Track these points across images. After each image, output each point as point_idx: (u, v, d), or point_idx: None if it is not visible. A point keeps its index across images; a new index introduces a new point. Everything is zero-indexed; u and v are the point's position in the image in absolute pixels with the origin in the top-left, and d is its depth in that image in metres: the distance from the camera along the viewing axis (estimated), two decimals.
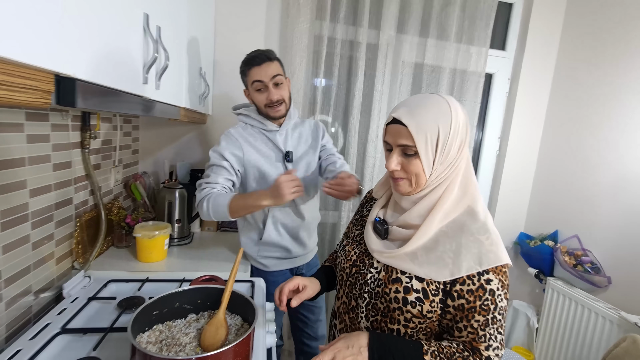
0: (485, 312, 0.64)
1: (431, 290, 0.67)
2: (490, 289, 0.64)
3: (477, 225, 0.68)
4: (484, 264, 0.64)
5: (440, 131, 0.66)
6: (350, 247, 0.82)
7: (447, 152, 0.67)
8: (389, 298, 0.69)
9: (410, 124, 0.65)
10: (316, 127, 1.36)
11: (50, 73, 0.46)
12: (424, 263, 0.67)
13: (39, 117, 0.92)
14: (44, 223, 0.97)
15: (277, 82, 1.17)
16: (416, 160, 0.67)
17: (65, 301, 0.98)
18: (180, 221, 1.49)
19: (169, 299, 0.83)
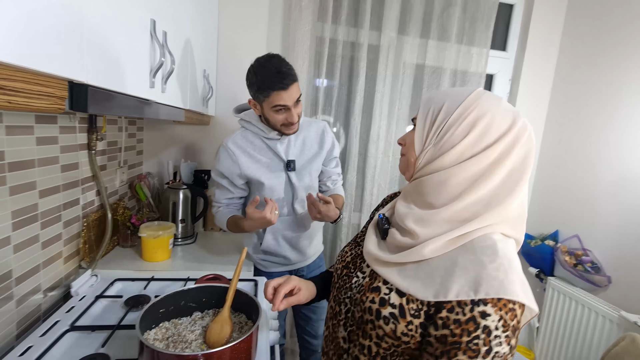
0: (473, 354, 0.48)
1: (410, 309, 0.55)
2: (485, 325, 0.48)
3: (485, 244, 0.53)
4: (480, 292, 0.49)
5: (444, 108, 0.58)
6: (348, 248, 0.76)
7: (443, 132, 0.57)
8: (364, 307, 0.60)
9: (424, 98, 0.62)
10: (323, 133, 1.30)
11: (64, 80, 0.48)
12: (409, 276, 0.57)
13: (48, 120, 0.95)
14: (52, 223, 0.99)
15: (299, 99, 1.11)
16: (414, 131, 0.62)
17: (73, 299, 1.01)
18: (184, 221, 1.52)
19: (175, 297, 0.85)
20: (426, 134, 0.59)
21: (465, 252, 0.54)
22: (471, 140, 0.56)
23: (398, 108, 1.87)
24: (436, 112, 0.59)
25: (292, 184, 1.25)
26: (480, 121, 0.56)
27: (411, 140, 0.62)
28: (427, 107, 0.60)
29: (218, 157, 1.23)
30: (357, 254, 0.72)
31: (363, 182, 1.89)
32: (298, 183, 1.25)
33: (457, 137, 0.56)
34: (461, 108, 0.57)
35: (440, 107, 0.58)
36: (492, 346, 0.49)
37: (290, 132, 1.17)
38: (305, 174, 1.26)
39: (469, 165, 0.56)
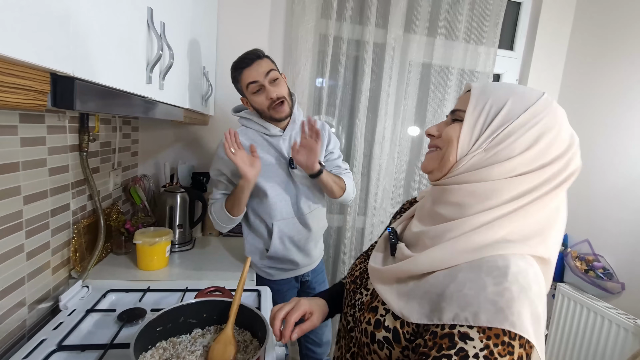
0: None
1: (405, 333, 0.48)
2: (461, 347, 0.40)
3: (496, 264, 0.44)
4: (479, 318, 0.41)
5: (506, 108, 0.47)
6: (359, 260, 0.70)
7: (500, 139, 0.47)
8: (361, 328, 0.55)
9: (477, 88, 0.51)
10: (322, 130, 1.28)
11: (45, 71, 0.41)
12: (406, 296, 0.50)
13: (34, 119, 0.87)
14: (39, 231, 0.91)
15: (273, 78, 1.10)
16: (457, 125, 0.51)
17: (62, 314, 0.93)
18: (182, 226, 1.44)
19: (172, 313, 0.78)
20: (478, 133, 0.49)
21: (468, 269, 0.45)
22: (532, 155, 0.47)
23: (404, 108, 1.81)
24: (496, 109, 0.48)
25: (294, 182, 1.20)
26: (546, 135, 0.47)
27: (453, 136, 0.51)
28: (482, 100, 0.49)
29: (217, 154, 1.19)
30: (365, 268, 0.66)
31: (367, 185, 1.82)
32: (300, 182, 1.21)
33: (518, 148, 0.47)
34: (529, 113, 0.47)
35: (501, 105, 0.48)
36: None
37: (281, 115, 1.14)
38: None
39: (518, 183, 0.47)
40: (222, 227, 1.21)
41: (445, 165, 0.52)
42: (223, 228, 1.21)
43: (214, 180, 1.23)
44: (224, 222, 1.19)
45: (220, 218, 1.18)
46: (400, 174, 1.87)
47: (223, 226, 1.20)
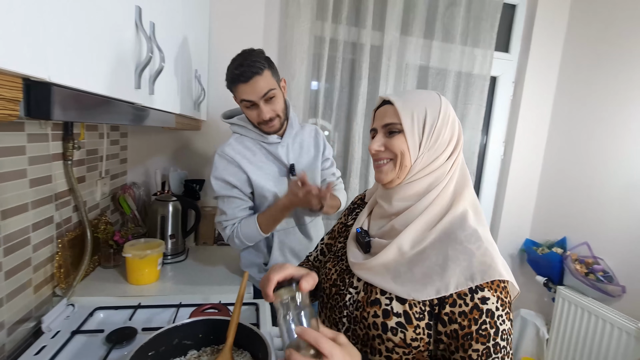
0: (485, 339, 0.52)
1: (414, 313, 0.56)
2: (487, 309, 0.52)
3: (467, 232, 0.57)
4: (476, 279, 0.53)
5: (428, 114, 0.60)
6: (331, 264, 0.72)
7: (435, 137, 0.60)
8: (367, 324, 0.59)
9: (398, 101, 0.61)
10: (317, 135, 1.25)
11: (16, 76, 0.35)
12: (407, 281, 0.57)
13: (12, 127, 0.80)
14: (19, 247, 0.84)
15: (269, 97, 1.02)
16: (400, 137, 0.60)
17: (44, 336, 0.86)
18: (174, 236, 1.38)
19: (166, 335, 0.72)
20: (418, 138, 0.60)
21: (452, 243, 0.56)
22: (453, 140, 0.62)
23: None
24: (422, 117, 0.60)
25: None
26: (454, 123, 0.62)
27: (403, 146, 0.61)
28: (409, 111, 0.60)
29: (216, 167, 1.09)
30: (342, 269, 0.68)
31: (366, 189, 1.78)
32: None
33: (446, 139, 0.61)
34: (442, 113, 0.61)
35: (424, 112, 0.60)
36: (498, 326, 0.53)
37: (269, 131, 1.09)
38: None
39: (450, 163, 0.62)
40: (242, 246, 1.13)
41: (404, 171, 0.61)
42: (243, 246, 1.13)
43: (222, 197, 1.10)
44: (253, 242, 1.11)
45: (251, 238, 1.10)
46: None
47: (247, 245, 1.12)
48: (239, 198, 1.10)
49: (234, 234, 1.10)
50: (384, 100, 0.64)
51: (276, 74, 1.05)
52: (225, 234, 1.12)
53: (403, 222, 0.61)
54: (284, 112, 1.09)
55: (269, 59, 1.04)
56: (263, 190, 1.10)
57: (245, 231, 1.09)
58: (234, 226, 1.10)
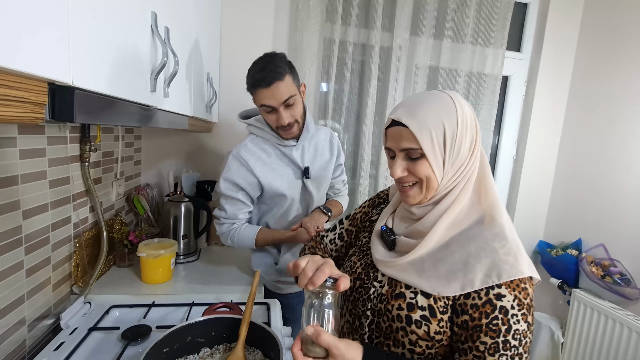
0: (494, 334, 0.53)
1: (439, 307, 0.57)
2: (501, 306, 0.53)
3: (492, 231, 0.58)
4: (502, 276, 0.53)
5: (447, 128, 0.57)
6: (356, 258, 0.72)
7: (457, 151, 0.58)
8: (391, 316, 0.60)
9: (411, 123, 0.57)
10: (332, 139, 1.26)
11: (42, 81, 0.37)
12: (432, 276, 0.58)
13: (34, 130, 0.83)
14: (39, 246, 0.87)
15: (289, 103, 1.02)
16: (423, 162, 0.58)
17: (63, 333, 0.88)
18: (187, 236, 1.40)
19: (179, 333, 0.74)
20: (441, 158, 0.59)
21: (475, 240, 0.57)
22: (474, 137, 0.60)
23: None
24: (441, 134, 0.58)
25: (308, 192, 1.17)
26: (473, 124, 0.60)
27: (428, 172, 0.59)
28: (426, 132, 0.57)
29: (228, 168, 1.10)
30: (367, 263, 0.69)
31: (375, 190, 1.78)
32: (315, 192, 1.18)
33: (467, 147, 0.60)
34: (460, 121, 0.58)
35: (442, 128, 0.57)
36: (511, 324, 0.53)
37: (287, 137, 1.10)
38: (321, 181, 1.20)
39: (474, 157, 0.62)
40: (231, 246, 1.17)
41: (431, 192, 0.61)
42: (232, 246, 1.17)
43: (226, 196, 1.12)
44: (243, 247, 1.16)
45: (243, 245, 1.15)
46: None
47: (235, 247, 1.17)
48: (242, 202, 1.13)
49: (229, 234, 1.14)
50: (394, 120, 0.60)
51: (297, 78, 1.06)
52: (221, 229, 1.15)
53: (427, 223, 0.61)
54: (302, 118, 1.10)
55: (290, 63, 1.04)
56: (276, 192, 1.11)
57: (242, 239, 1.14)
58: (232, 227, 1.14)
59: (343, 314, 0.71)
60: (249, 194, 1.12)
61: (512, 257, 0.55)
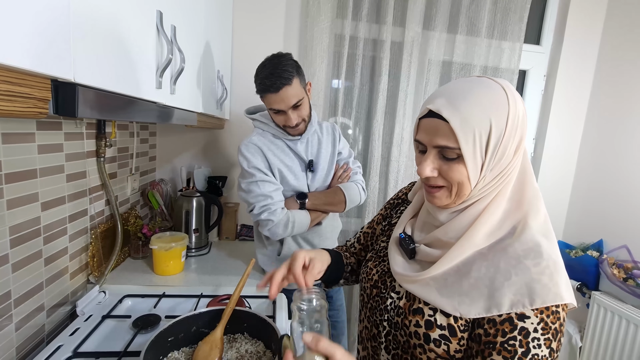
0: (508, 354, 0.47)
1: (460, 326, 0.52)
2: (522, 327, 0.47)
3: (526, 246, 0.50)
4: (535, 301, 0.47)
5: (493, 127, 0.49)
6: (372, 264, 0.69)
7: (500, 155, 0.51)
8: (409, 332, 0.56)
9: (453, 118, 0.49)
10: (333, 131, 1.27)
11: (45, 78, 0.39)
12: (454, 293, 0.53)
13: (51, 126, 0.88)
14: (57, 237, 0.92)
15: (297, 104, 1.06)
16: (459, 166, 0.51)
17: (79, 319, 0.93)
18: (198, 230, 1.44)
19: (184, 322, 0.76)
20: (480, 162, 0.52)
21: (506, 256, 0.51)
22: (522, 137, 0.53)
23: None
24: (486, 134, 0.50)
25: (312, 184, 1.20)
26: (523, 121, 0.52)
27: (462, 178, 0.52)
28: (469, 131, 0.49)
29: (245, 156, 1.11)
30: (384, 271, 0.65)
31: (386, 187, 1.77)
32: (319, 184, 1.21)
33: (512, 149, 0.52)
34: (511, 120, 0.50)
35: (488, 128, 0.50)
36: (530, 348, 0.47)
37: (294, 134, 1.14)
38: (322, 173, 1.22)
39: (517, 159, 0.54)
40: (284, 235, 1.13)
41: (461, 198, 0.55)
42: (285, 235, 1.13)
43: (263, 181, 1.10)
44: (300, 231, 1.15)
45: (301, 226, 1.14)
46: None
47: (290, 234, 1.14)
48: (273, 183, 1.12)
49: (288, 219, 1.10)
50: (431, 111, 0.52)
51: (303, 80, 1.09)
52: (277, 218, 1.09)
53: (452, 232, 0.55)
54: (308, 116, 1.14)
55: (297, 63, 1.06)
56: (283, 182, 1.15)
57: (300, 218, 1.12)
58: (286, 211, 1.11)
59: (362, 319, 0.69)
60: (276, 176, 1.14)
61: (547, 277, 0.48)
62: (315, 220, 1.19)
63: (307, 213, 1.16)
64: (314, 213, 1.18)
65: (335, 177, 1.25)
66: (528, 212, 0.53)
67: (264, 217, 1.10)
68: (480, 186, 0.53)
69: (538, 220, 0.53)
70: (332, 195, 1.21)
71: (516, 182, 0.55)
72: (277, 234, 1.12)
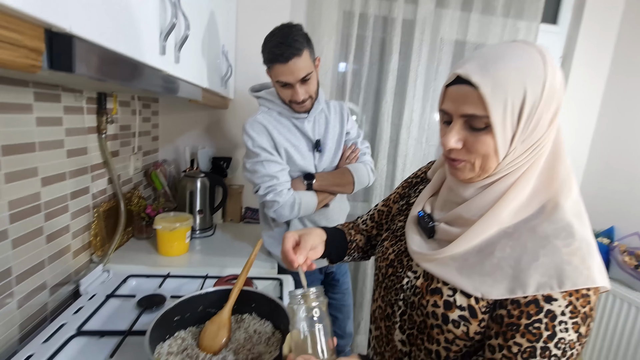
0: (533, 337, 0.45)
1: (481, 307, 0.49)
2: (548, 309, 0.45)
3: (557, 225, 0.47)
4: (565, 283, 0.44)
5: (528, 95, 0.45)
6: (388, 243, 0.67)
7: (533, 125, 0.47)
8: (426, 312, 0.54)
9: (484, 83, 0.45)
10: (341, 110, 1.22)
11: (37, 25, 0.35)
12: (475, 273, 0.50)
13: (50, 98, 0.84)
14: (58, 214, 0.89)
15: (306, 79, 1.01)
16: (486, 137, 0.47)
17: (82, 298, 0.91)
18: (202, 212, 1.41)
19: (191, 302, 0.74)
20: (511, 134, 0.48)
21: (534, 235, 0.48)
22: (557, 107, 0.48)
23: (434, 90, 1.68)
24: (519, 103, 0.46)
25: (319, 164, 1.16)
26: (561, 90, 0.48)
27: (488, 150, 0.48)
28: (501, 99, 0.45)
29: (250, 135, 1.07)
30: (401, 250, 0.63)
31: (393, 171, 1.73)
32: (326, 165, 1.17)
33: (547, 121, 0.48)
34: (548, 87, 0.46)
35: (522, 96, 0.46)
36: (556, 331, 0.45)
37: (300, 110, 1.09)
38: (330, 154, 1.18)
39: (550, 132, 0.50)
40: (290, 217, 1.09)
41: (487, 172, 0.51)
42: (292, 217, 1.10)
43: (268, 161, 1.06)
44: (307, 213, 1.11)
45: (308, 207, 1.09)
46: (428, 159, 1.76)
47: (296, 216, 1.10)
48: (279, 163, 1.08)
49: (294, 200, 1.06)
50: (460, 77, 0.48)
51: (313, 53, 1.04)
52: (283, 200, 1.05)
53: (475, 209, 0.52)
54: (316, 93, 1.09)
55: (307, 35, 1.01)
56: (289, 162, 1.11)
57: (307, 199, 1.08)
58: (292, 192, 1.07)
59: (375, 299, 0.67)
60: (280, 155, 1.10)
61: (579, 259, 0.45)
62: (323, 202, 1.16)
63: (314, 194, 1.12)
64: (321, 194, 1.14)
65: (343, 158, 1.21)
66: (559, 190, 0.49)
67: (269, 198, 1.07)
68: (510, 159, 0.49)
69: (570, 200, 0.49)
70: (340, 176, 1.17)
71: (548, 157, 0.51)
72: (284, 216, 1.09)
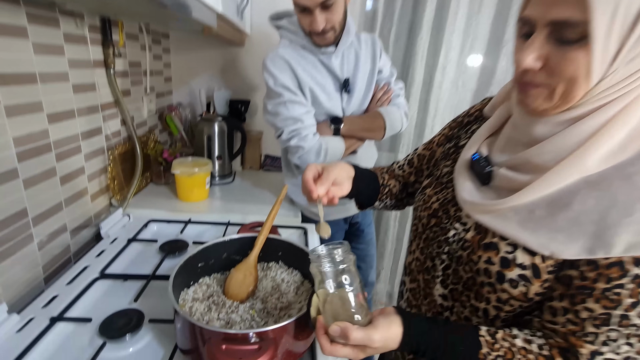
0: (610, 304, 0.38)
1: (547, 267, 0.42)
2: (636, 274, 0.37)
3: None
4: None
5: None
6: (431, 191, 0.58)
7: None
8: (476, 268, 0.47)
9: None
10: (373, 44, 1.07)
11: None
12: (542, 228, 0.42)
13: (46, 22, 0.73)
14: (70, 155, 0.83)
15: (328, 4, 0.87)
16: (578, 53, 0.36)
17: (104, 242, 0.89)
18: (221, 157, 1.35)
19: (215, 248, 0.70)
20: (615, 51, 0.35)
21: (627, 184, 0.38)
22: None
23: (476, 24, 1.47)
24: (634, 6, 0.33)
25: (348, 106, 1.05)
26: None
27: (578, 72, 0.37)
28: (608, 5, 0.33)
29: (271, 72, 0.96)
30: (447, 199, 0.55)
31: (424, 118, 1.59)
32: (355, 108, 1.05)
33: None
34: None
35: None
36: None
37: (321, 43, 0.96)
38: (360, 95, 1.05)
39: None
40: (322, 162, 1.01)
41: (569, 103, 0.40)
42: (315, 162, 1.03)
43: (292, 102, 0.95)
44: (334, 159, 1.01)
45: (335, 153, 1.00)
46: (464, 106, 1.60)
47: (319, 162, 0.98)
48: (303, 104, 0.97)
49: (321, 146, 0.97)
50: None
51: None
52: (308, 145, 0.96)
53: (553, 152, 0.42)
54: (340, 25, 0.94)
55: None
56: (314, 104, 0.99)
57: (333, 144, 0.99)
58: (318, 137, 0.98)
59: (412, 250, 0.60)
60: (304, 95, 0.99)
61: None
62: (350, 149, 1.06)
63: (342, 140, 1.02)
64: (349, 140, 1.04)
65: (374, 100, 1.08)
66: None
67: (293, 143, 0.97)
68: (604, 86, 0.38)
69: None
70: (370, 120, 1.06)
71: None
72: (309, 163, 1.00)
